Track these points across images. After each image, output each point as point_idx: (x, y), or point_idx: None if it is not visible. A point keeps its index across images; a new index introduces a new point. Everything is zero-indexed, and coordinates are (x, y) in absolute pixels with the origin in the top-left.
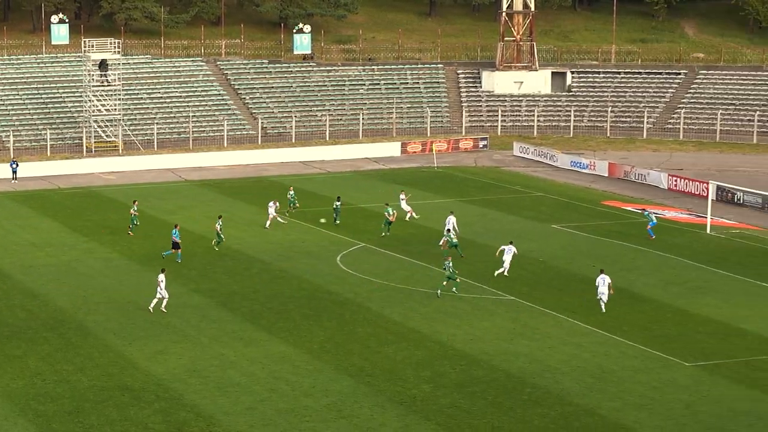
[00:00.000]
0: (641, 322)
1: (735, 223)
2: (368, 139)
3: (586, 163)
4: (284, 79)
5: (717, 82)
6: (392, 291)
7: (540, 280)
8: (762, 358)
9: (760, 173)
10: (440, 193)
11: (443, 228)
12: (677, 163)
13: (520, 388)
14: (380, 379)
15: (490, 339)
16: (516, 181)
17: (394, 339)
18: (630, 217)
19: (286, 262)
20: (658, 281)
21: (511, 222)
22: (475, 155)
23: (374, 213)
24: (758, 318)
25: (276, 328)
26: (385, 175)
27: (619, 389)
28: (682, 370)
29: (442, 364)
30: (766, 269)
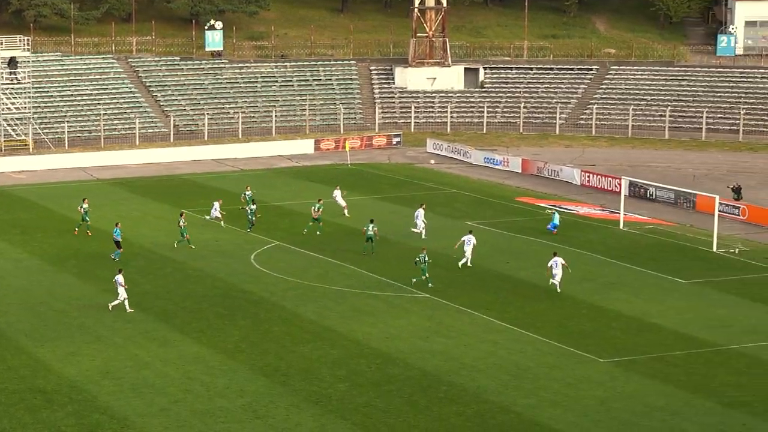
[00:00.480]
0: (556, 318)
1: (647, 219)
2: (281, 136)
3: (499, 160)
4: (196, 76)
5: (628, 78)
6: (307, 289)
7: (455, 277)
8: (676, 354)
9: (671, 168)
10: (354, 191)
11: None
12: (590, 158)
13: (436, 386)
14: (296, 378)
15: (406, 337)
16: (430, 178)
17: (309, 338)
18: (544, 213)
19: (200, 261)
20: (573, 277)
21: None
22: (388, 152)
23: (288, 211)
24: (671, 313)
25: (190, 328)
26: (298, 172)
27: (535, 386)
28: (597, 366)
29: (357, 363)
30: (679, 264)
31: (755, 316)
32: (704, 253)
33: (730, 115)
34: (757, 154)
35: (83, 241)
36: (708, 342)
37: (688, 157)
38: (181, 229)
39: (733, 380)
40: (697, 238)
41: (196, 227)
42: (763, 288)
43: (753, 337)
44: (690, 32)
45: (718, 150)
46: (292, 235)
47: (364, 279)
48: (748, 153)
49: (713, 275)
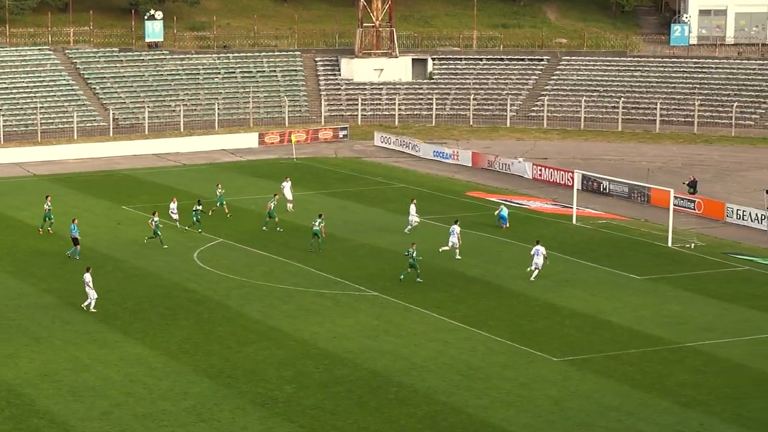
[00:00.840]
0: (508, 316)
1: (601, 213)
2: (224, 129)
3: (449, 153)
4: (136, 68)
5: (580, 69)
6: (252, 288)
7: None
8: (631, 352)
9: (625, 162)
10: (300, 186)
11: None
12: (542, 151)
13: (386, 387)
14: (241, 380)
15: (354, 336)
16: (378, 172)
17: (254, 338)
18: (493, 207)
19: (141, 260)
20: (525, 274)
21: (373, 215)
22: (335, 146)
23: (232, 207)
24: (626, 310)
25: (131, 329)
26: (242, 167)
27: (487, 386)
28: (551, 365)
29: (304, 364)
30: (633, 260)
31: (711, 312)
32: (659, 249)
33: (685, 106)
34: (712, 146)
35: (20, 238)
36: (663, 340)
37: (642, 150)
38: (153, 227)
39: (690, 379)
40: (651, 233)
41: (139, 225)
42: (719, 284)
43: (709, 335)
44: (643, 21)
45: (673, 142)
46: (236, 232)
47: (310, 277)
48: (703, 145)
49: (668, 271)
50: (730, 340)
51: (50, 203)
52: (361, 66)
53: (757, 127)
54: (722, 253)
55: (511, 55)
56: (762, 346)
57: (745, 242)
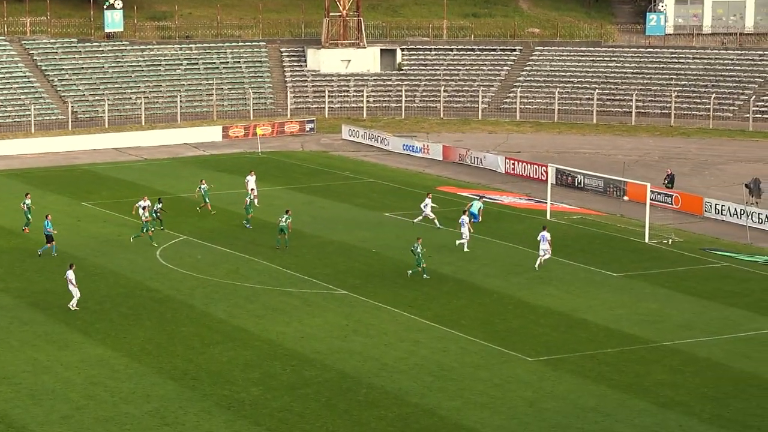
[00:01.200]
0: (481, 315)
1: (576, 209)
2: (187, 123)
3: (419, 147)
4: (95, 60)
5: (554, 59)
6: (216, 287)
7: (373, 272)
8: (607, 351)
9: (600, 155)
10: (265, 181)
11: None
12: (514, 145)
13: (356, 388)
14: (206, 382)
15: (322, 337)
16: (346, 166)
17: (219, 339)
18: (465, 203)
19: (102, 258)
20: (499, 271)
21: (341, 210)
22: (301, 139)
23: (194, 203)
24: (602, 308)
25: (92, 330)
26: (206, 161)
27: (460, 387)
28: (525, 365)
29: (271, 365)
30: (609, 256)
31: (689, 310)
32: (636, 245)
33: (661, 97)
34: (690, 139)
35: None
36: (641, 338)
37: (618, 143)
38: (143, 223)
39: (668, 379)
40: (628, 229)
41: (99, 222)
42: (697, 281)
43: (687, 333)
44: (618, 10)
45: (649, 135)
46: (200, 229)
47: (277, 275)
48: (681, 138)
49: (645, 267)
50: (709, 338)
51: (30, 201)
52: (328, 57)
53: (736, 119)
54: (700, 249)
55: (483, 46)
56: (742, 345)
57: (723, 238)
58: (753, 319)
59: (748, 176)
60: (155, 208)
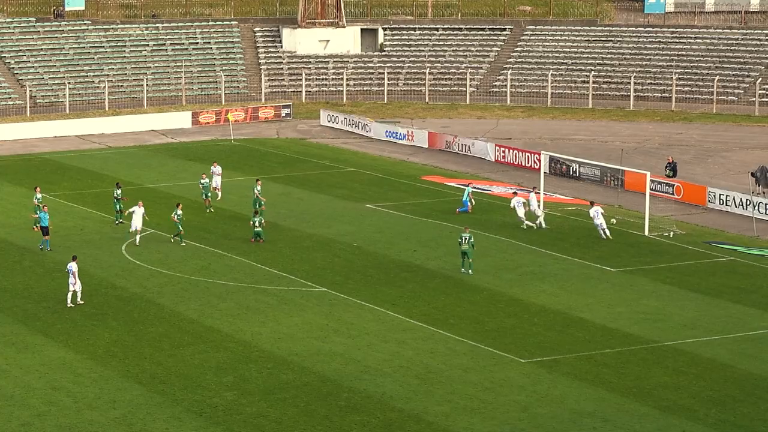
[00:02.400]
0: (471, 313)
1: (571, 199)
2: (154, 108)
3: (403, 133)
4: (55, 40)
5: (546, 39)
6: (187, 284)
7: (355, 268)
8: (606, 352)
9: (596, 141)
10: (238, 170)
11: None
12: (505, 131)
13: (336, 392)
14: (176, 386)
15: (301, 337)
16: (324, 154)
17: (190, 340)
18: (453, 193)
19: (63, 254)
20: (489, 267)
21: (320, 201)
22: (277, 126)
23: (164, 194)
24: (599, 306)
25: (54, 331)
26: (174, 149)
27: (448, 391)
28: (518, 367)
29: (246, 368)
30: (607, 250)
31: (693, 308)
32: (635, 238)
33: (661, 80)
34: (692, 124)
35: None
36: (641, 338)
37: (615, 129)
38: (177, 221)
39: (671, 381)
40: (626, 221)
41: (60, 214)
42: (701, 276)
43: (691, 332)
44: None
45: (649, 120)
46: (168, 222)
47: (252, 271)
48: (682, 123)
49: (645, 262)
50: (714, 338)
51: (41, 195)
52: (304, 37)
53: (741, 103)
54: (704, 242)
55: (471, 25)
56: (748, 345)
57: (728, 230)
58: (760, 317)
59: (754, 164)
60: (115, 193)
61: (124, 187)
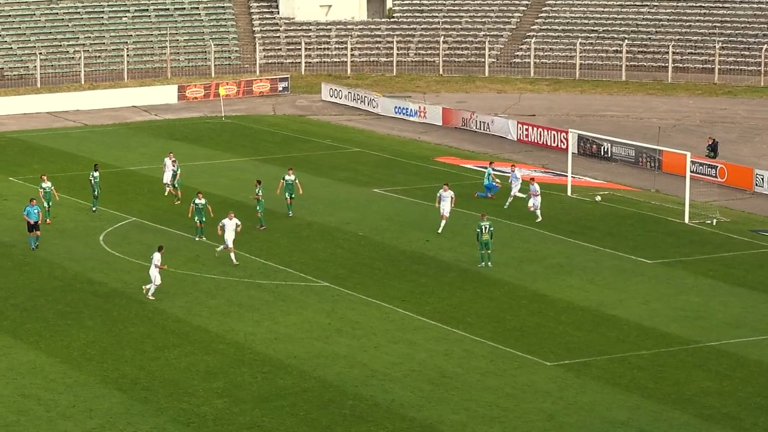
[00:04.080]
0: (490, 311)
1: (602, 183)
2: (136, 82)
3: (413, 109)
4: (24, 6)
5: (574, 3)
6: (173, 278)
7: (360, 260)
8: (641, 354)
9: (631, 118)
10: (230, 151)
11: None
12: (528, 107)
13: (340, 400)
14: (160, 393)
15: (300, 338)
16: (326, 133)
17: (176, 341)
18: (470, 176)
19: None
20: (510, 259)
21: (321, 186)
22: (273, 101)
23: (147, 178)
24: (634, 302)
25: (23, 331)
26: (158, 128)
27: (465, 398)
28: (543, 371)
29: (238, 373)
30: (642, 240)
31: (738, 304)
32: (674, 226)
33: (703, 49)
34: (737, 99)
35: None
36: (681, 338)
37: (652, 104)
38: (196, 208)
39: (714, 386)
40: (664, 207)
41: (27, 201)
42: (747, 269)
43: (736, 332)
44: None
45: (689, 94)
46: (152, 209)
47: (245, 264)
48: (726, 98)
49: (685, 253)
50: (762, 338)
51: (50, 184)
52: (304, 1)
53: None
54: (750, 230)
55: None
56: None
57: None
58: None
59: None
60: (91, 177)
61: (102, 170)
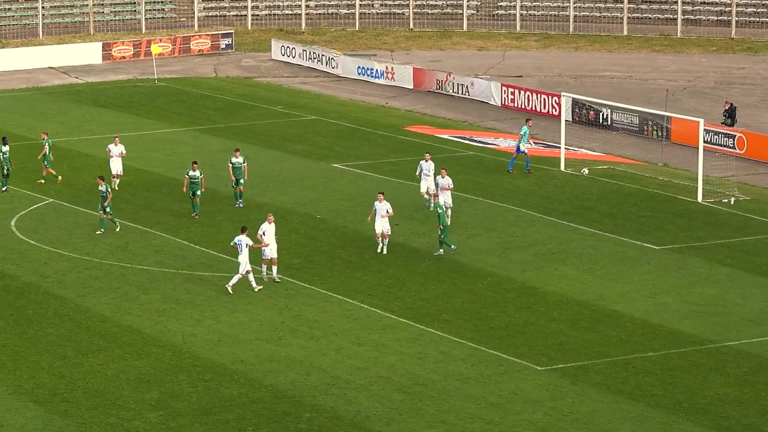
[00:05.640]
0: (470, 306)
1: (601, 155)
2: (53, 39)
3: (380, 70)
4: None
5: None
6: (97, 269)
7: (318, 247)
8: (647, 356)
9: (634, 79)
10: (164, 120)
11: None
12: (514, 66)
13: (295, 412)
14: (83, 406)
15: (248, 340)
16: (277, 98)
17: (102, 344)
18: (447, 148)
19: None
20: (494, 245)
21: (271, 160)
22: (214, 61)
23: (65, 151)
24: (639, 295)
25: None
26: (79, 93)
27: (441, 409)
28: (533, 377)
29: (176, 381)
30: (649, 222)
31: (761, 297)
32: (685, 205)
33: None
34: (757, 56)
35: None
36: (694, 337)
37: (658, 63)
38: (190, 181)
39: (733, 393)
40: (673, 183)
41: None
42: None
43: (758, 329)
44: None
45: (701, 51)
46: (72, 189)
47: (183, 253)
48: (745, 55)
49: (698, 238)
50: None
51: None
52: None
53: None
54: None
55: None
56: None
57: None
58: None
59: None
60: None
61: (13, 144)
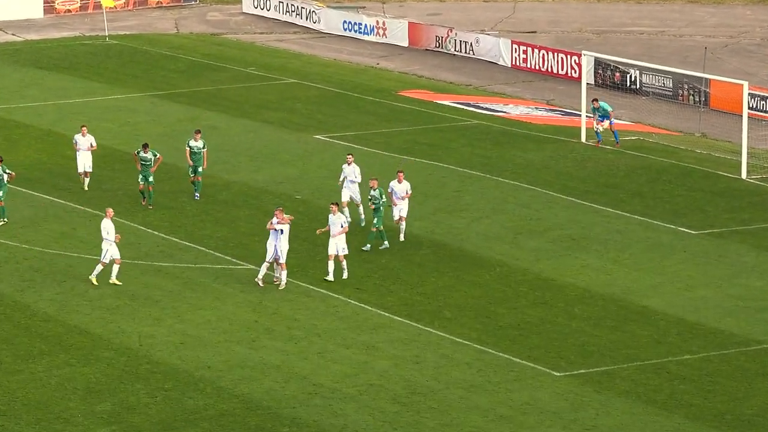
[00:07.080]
0: (477, 302)
1: (628, 124)
2: None
3: (370, 25)
4: None
5: None
6: (39, 261)
7: (298, 233)
8: (683, 359)
9: (666, 36)
10: (117, 84)
11: None
12: (526, 20)
13: (272, 426)
14: (23, 420)
15: (216, 342)
16: (249, 59)
17: (45, 348)
18: (448, 116)
19: None
20: (503, 229)
21: (242, 131)
22: (175, 14)
23: (3, 122)
24: (673, 288)
25: None
26: (18, 53)
27: (442, 422)
28: (551, 384)
29: (132, 390)
30: (684, 203)
31: None
32: (726, 182)
33: None
34: None
35: None
36: (737, 337)
37: (695, 16)
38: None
39: None
40: (713, 157)
41: None
42: None
43: None
44: None
45: (745, 2)
46: (12, 166)
47: (139, 240)
48: None
49: (742, 220)
50: None
51: None
52: None
53: None
54: None
55: None
56: None
57: None
58: None
59: None
60: None
61: None
